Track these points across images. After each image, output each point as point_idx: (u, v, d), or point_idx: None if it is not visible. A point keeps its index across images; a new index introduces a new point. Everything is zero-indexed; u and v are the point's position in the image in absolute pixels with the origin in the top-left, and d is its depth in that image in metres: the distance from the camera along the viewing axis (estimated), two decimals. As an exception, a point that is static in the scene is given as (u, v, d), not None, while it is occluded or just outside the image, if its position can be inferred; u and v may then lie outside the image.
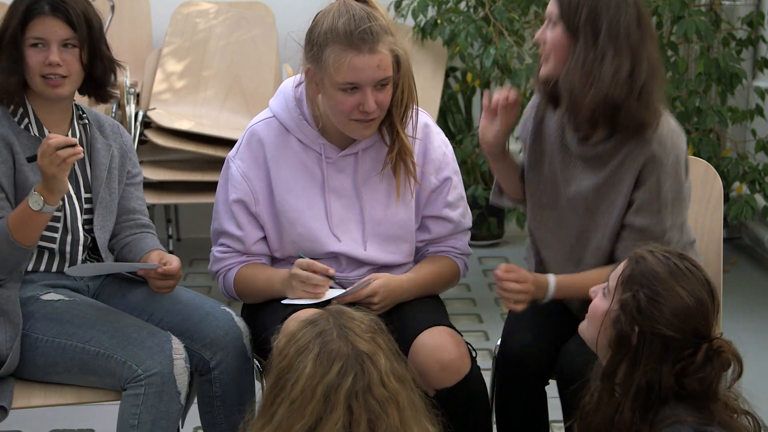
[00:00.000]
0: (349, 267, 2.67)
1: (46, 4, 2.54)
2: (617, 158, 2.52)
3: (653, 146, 2.48)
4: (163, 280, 2.59)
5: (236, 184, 2.64)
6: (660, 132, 2.49)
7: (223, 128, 4.57)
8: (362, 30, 2.44)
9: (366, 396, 1.89)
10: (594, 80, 2.42)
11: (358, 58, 2.45)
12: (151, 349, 2.47)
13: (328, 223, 2.63)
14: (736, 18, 4.77)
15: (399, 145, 2.61)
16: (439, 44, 4.83)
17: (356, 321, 1.98)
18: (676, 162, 2.50)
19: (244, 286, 2.68)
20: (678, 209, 2.54)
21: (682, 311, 2.02)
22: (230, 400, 2.61)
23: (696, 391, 2.02)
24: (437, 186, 2.69)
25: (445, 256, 2.76)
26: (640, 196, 2.52)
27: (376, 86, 2.49)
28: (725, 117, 4.34)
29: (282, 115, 2.64)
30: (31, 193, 2.45)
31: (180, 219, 5.24)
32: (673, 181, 2.51)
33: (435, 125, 2.74)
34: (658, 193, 2.50)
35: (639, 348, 2.03)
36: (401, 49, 2.51)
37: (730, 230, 5.17)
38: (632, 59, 2.43)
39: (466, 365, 2.52)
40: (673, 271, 2.06)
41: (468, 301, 4.53)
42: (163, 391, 2.45)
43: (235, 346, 2.61)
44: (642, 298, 2.03)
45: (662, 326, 2.01)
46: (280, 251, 2.69)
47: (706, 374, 2.02)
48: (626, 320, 2.04)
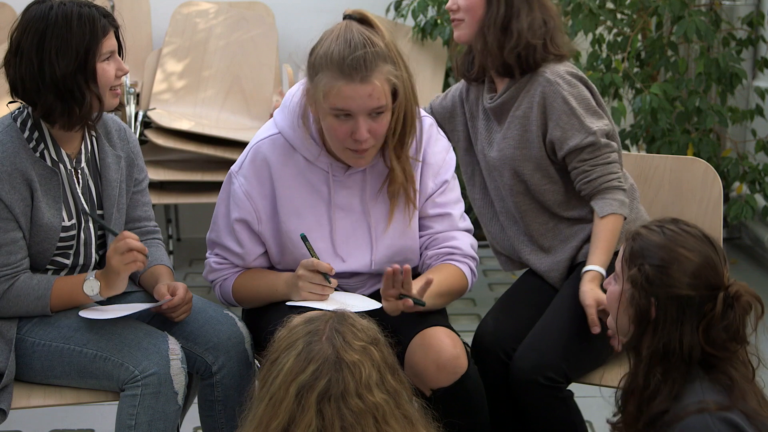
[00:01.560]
0: (354, 278, 2.66)
1: (107, 22, 2.52)
2: (519, 97, 2.77)
3: (547, 75, 2.72)
4: (175, 311, 2.59)
5: (239, 203, 2.61)
6: (553, 66, 2.74)
7: (223, 128, 4.57)
8: (355, 58, 2.39)
9: (339, 403, 1.87)
10: (511, 34, 2.72)
11: (349, 87, 2.40)
12: (148, 350, 2.47)
13: (332, 244, 2.63)
14: (736, 18, 4.77)
15: (392, 176, 2.57)
16: (439, 44, 4.83)
17: (354, 328, 1.95)
18: (572, 82, 2.71)
19: (244, 293, 2.67)
20: (596, 118, 2.72)
21: (690, 269, 2.06)
22: (231, 405, 2.60)
23: (725, 341, 2.05)
24: (434, 190, 2.67)
25: (450, 264, 2.68)
26: (556, 122, 2.70)
27: (370, 114, 2.44)
28: (725, 117, 4.34)
29: (288, 132, 2.60)
30: (89, 277, 2.50)
31: (180, 219, 5.24)
32: (578, 97, 2.70)
33: (439, 131, 2.70)
34: (569, 108, 2.69)
35: (659, 317, 2.07)
36: (400, 77, 2.45)
37: (730, 230, 5.17)
38: (541, 11, 2.75)
39: (462, 365, 2.50)
40: (669, 236, 2.10)
41: (468, 301, 4.53)
42: (160, 391, 2.45)
43: (238, 351, 2.61)
44: (648, 269, 2.07)
45: (676, 288, 2.05)
46: (282, 264, 2.67)
47: (730, 321, 2.05)
48: (641, 294, 2.08)
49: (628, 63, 4.37)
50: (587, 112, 2.71)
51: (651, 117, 4.25)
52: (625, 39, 4.46)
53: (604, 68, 4.40)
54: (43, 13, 2.48)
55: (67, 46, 2.46)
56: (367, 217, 2.62)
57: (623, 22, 4.58)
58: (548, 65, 2.75)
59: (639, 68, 4.54)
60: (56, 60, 2.46)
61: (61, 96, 2.48)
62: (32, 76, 2.47)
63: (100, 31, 2.49)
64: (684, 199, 2.93)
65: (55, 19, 2.47)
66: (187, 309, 2.60)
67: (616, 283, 2.17)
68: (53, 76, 2.46)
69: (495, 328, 2.70)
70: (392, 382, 1.94)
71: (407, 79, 2.47)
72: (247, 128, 4.61)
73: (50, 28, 2.47)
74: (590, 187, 2.71)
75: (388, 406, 1.90)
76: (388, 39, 2.46)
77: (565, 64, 2.78)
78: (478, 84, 2.90)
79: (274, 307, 2.62)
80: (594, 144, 2.69)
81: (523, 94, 2.76)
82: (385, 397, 1.90)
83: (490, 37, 2.75)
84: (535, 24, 2.73)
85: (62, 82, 2.47)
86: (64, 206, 2.56)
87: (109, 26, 2.51)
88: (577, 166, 2.71)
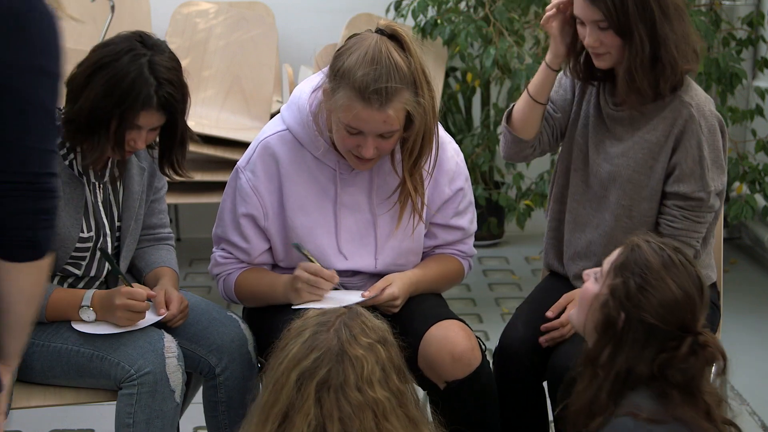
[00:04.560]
0: (356, 276, 2.67)
1: (157, 100, 2.47)
2: (654, 120, 2.59)
3: (692, 109, 2.55)
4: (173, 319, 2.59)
5: (246, 198, 2.61)
6: (697, 97, 2.57)
7: (223, 128, 4.56)
8: (377, 89, 2.39)
9: (338, 394, 1.88)
10: (663, 67, 2.51)
11: (365, 112, 2.41)
12: (143, 349, 2.47)
13: (336, 241, 2.63)
14: (736, 18, 4.77)
15: (403, 188, 2.58)
16: (439, 44, 4.83)
17: (365, 326, 1.97)
18: (713, 128, 2.56)
19: (246, 291, 2.68)
20: (718, 174, 2.59)
21: (669, 302, 2.04)
22: (234, 406, 2.62)
23: (679, 383, 2.04)
24: (450, 196, 2.69)
25: (451, 256, 2.77)
26: (680, 159, 2.56)
27: (381, 134, 2.46)
28: (725, 117, 4.34)
29: (296, 128, 2.60)
30: (85, 303, 2.52)
31: (180, 219, 5.25)
32: (711, 147, 2.56)
33: (446, 135, 2.70)
34: (700, 157, 2.55)
35: (624, 333, 2.05)
36: (419, 103, 2.44)
37: (730, 230, 5.17)
38: (680, 26, 2.54)
39: (477, 358, 2.53)
40: (665, 263, 2.07)
41: (468, 301, 4.53)
42: (156, 390, 2.45)
43: (241, 352, 2.62)
44: (632, 285, 2.06)
45: (648, 314, 2.03)
46: (285, 261, 2.68)
47: (689, 366, 2.03)
48: (614, 305, 2.07)
49: (628, 63, 4.37)
50: (714, 165, 2.58)
51: (651, 117, 4.25)
52: (625, 39, 4.46)
53: (604, 68, 4.39)
54: (117, 51, 2.45)
55: (109, 92, 2.43)
56: (373, 217, 2.62)
57: (623, 22, 4.58)
58: (690, 91, 2.59)
59: (639, 68, 4.53)
60: (97, 93, 2.43)
61: (82, 127, 2.46)
62: (74, 93, 2.45)
63: (140, 103, 2.44)
64: (684, 199, 2.93)
65: (120, 63, 2.44)
66: (183, 317, 2.60)
67: (596, 281, 2.15)
68: (87, 105, 2.44)
69: (524, 333, 2.67)
70: (397, 383, 1.95)
71: (428, 102, 2.46)
72: (247, 128, 4.61)
73: (112, 67, 2.44)
74: (669, 231, 2.61)
75: (389, 403, 1.91)
76: (415, 62, 2.45)
77: (708, 98, 2.61)
78: (596, 84, 2.73)
79: (273, 308, 2.63)
80: (701, 201, 2.59)
81: (658, 119, 2.61)
82: (387, 395, 1.91)
83: (640, 76, 2.53)
84: (680, 43, 2.53)
85: (91, 114, 2.44)
86: (84, 218, 2.56)
87: (153, 103, 2.44)
88: (672, 207, 2.62)
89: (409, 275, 2.65)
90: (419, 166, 2.56)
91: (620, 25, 2.51)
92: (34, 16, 1.78)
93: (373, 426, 1.89)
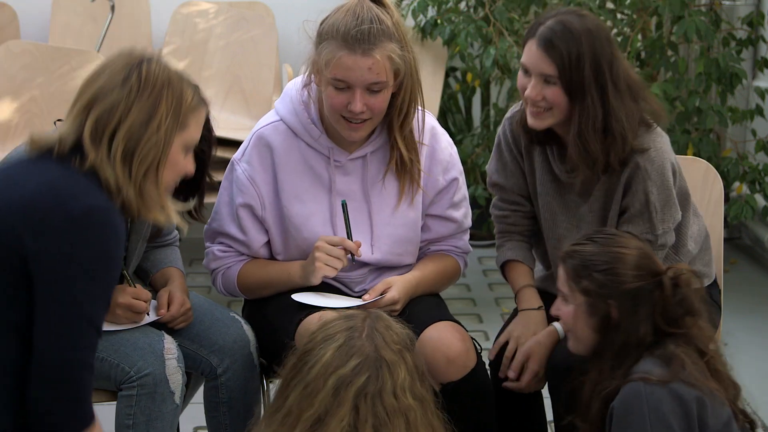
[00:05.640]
0: (353, 267, 2.67)
1: None
2: (607, 176, 2.56)
3: (636, 156, 2.49)
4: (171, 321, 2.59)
5: (243, 188, 2.62)
6: (645, 144, 2.51)
7: (223, 128, 4.54)
8: (360, 30, 2.43)
9: (375, 401, 1.89)
10: (613, 136, 2.45)
11: (350, 58, 2.44)
12: (143, 350, 2.47)
13: (332, 229, 2.63)
14: (736, 18, 4.76)
15: (397, 154, 2.60)
16: (439, 44, 4.83)
17: (391, 330, 1.99)
18: (660, 169, 2.51)
19: (253, 280, 2.67)
20: (668, 215, 2.55)
21: (632, 263, 2.23)
22: (236, 407, 2.62)
23: (681, 317, 2.20)
24: (444, 186, 2.70)
25: (447, 254, 2.77)
26: (629, 203, 2.54)
27: (369, 89, 2.47)
28: (725, 117, 4.34)
29: (289, 118, 2.62)
30: None
31: (180, 219, 5.24)
32: (660, 189, 2.52)
33: (439, 126, 2.73)
34: (646, 201, 2.52)
35: (620, 315, 2.20)
36: (404, 58, 2.48)
37: (730, 230, 5.16)
38: (632, 96, 2.48)
39: (471, 359, 2.54)
40: (602, 242, 2.26)
41: (468, 301, 4.53)
42: (156, 391, 2.45)
43: (243, 353, 2.62)
44: (597, 276, 2.21)
45: (627, 284, 2.19)
46: (283, 254, 2.68)
47: (682, 296, 2.21)
48: (598, 301, 2.22)
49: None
50: (664, 207, 2.52)
51: (651, 117, 4.25)
52: (625, 39, 4.46)
53: (604, 68, 4.39)
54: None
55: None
56: (368, 204, 2.63)
57: (623, 22, 4.58)
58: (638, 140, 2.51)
59: (639, 68, 4.54)
60: None
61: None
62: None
63: None
64: (684, 199, 2.93)
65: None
66: (184, 319, 2.60)
67: (565, 305, 2.27)
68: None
69: None
70: (421, 390, 1.97)
71: (412, 60, 2.50)
72: (247, 128, 4.59)
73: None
74: None
75: (418, 411, 1.92)
76: (397, 19, 2.50)
77: (658, 140, 2.53)
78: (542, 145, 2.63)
79: (274, 308, 2.62)
80: (650, 243, 2.51)
81: (610, 172, 2.55)
82: (416, 403, 1.92)
83: (593, 142, 2.45)
84: (631, 114, 2.46)
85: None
86: None
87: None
88: None
89: (408, 278, 2.65)
90: (409, 124, 2.57)
91: (572, 84, 2.42)
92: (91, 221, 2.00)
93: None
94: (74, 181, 2.09)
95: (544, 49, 2.43)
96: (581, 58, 2.41)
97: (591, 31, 2.44)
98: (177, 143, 2.18)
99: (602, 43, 2.44)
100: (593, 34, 2.44)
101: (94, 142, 2.11)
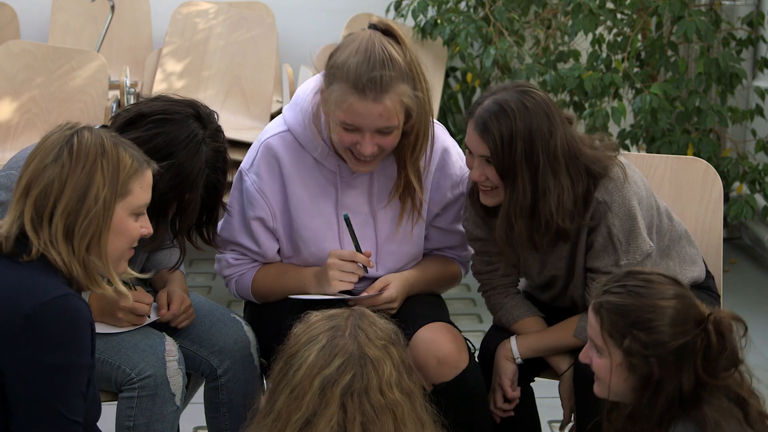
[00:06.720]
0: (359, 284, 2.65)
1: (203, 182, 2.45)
2: None
3: (595, 194, 2.47)
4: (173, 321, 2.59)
5: (253, 201, 2.60)
6: (605, 185, 2.47)
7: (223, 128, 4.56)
8: (371, 78, 2.35)
9: (361, 398, 1.89)
10: (539, 219, 2.43)
11: (360, 104, 2.37)
12: (144, 352, 2.47)
13: (340, 243, 2.62)
14: (736, 18, 4.77)
15: (405, 182, 2.56)
16: (439, 44, 4.84)
17: (374, 327, 1.98)
18: (621, 201, 2.48)
19: (267, 287, 2.66)
20: (634, 245, 2.52)
21: (675, 316, 2.05)
22: (236, 407, 2.61)
23: (729, 367, 2.04)
24: (451, 201, 2.67)
25: (449, 258, 2.77)
26: (594, 238, 2.51)
27: (379, 131, 2.42)
28: (725, 117, 4.34)
29: (297, 130, 2.58)
30: None
31: (180, 219, 5.24)
32: (623, 221, 2.49)
33: (450, 140, 2.69)
34: (610, 235, 2.49)
35: (662, 373, 2.05)
36: (416, 97, 2.41)
37: (730, 230, 5.17)
38: (569, 170, 2.43)
39: (463, 360, 2.52)
40: (640, 293, 2.08)
41: (468, 301, 4.53)
42: (157, 393, 2.45)
43: (243, 354, 2.62)
44: (641, 335, 2.05)
45: (672, 342, 2.03)
46: (296, 259, 2.67)
47: (727, 347, 2.04)
48: (641, 361, 2.06)
49: (628, 63, 4.37)
50: (628, 238, 2.50)
51: (651, 117, 4.25)
52: (625, 39, 4.46)
53: (604, 68, 4.40)
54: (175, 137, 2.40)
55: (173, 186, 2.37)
56: (374, 219, 2.62)
57: (623, 22, 4.59)
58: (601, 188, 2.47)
59: (639, 68, 4.54)
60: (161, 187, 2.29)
61: None
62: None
63: None
64: (684, 199, 2.93)
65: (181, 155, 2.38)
66: (185, 318, 2.59)
67: (599, 356, 2.12)
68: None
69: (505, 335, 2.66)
70: (408, 383, 1.96)
71: (424, 97, 2.44)
72: (247, 128, 4.61)
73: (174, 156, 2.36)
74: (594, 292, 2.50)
75: (406, 405, 1.92)
76: (411, 55, 2.42)
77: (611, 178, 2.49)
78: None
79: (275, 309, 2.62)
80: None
81: None
82: (403, 397, 1.92)
83: (519, 224, 2.44)
84: (564, 197, 2.42)
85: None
86: None
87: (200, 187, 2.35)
88: (591, 279, 2.54)
89: (406, 275, 2.64)
90: (418, 160, 2.54)
91: (503, 165, 2.40)
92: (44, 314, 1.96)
93: (392, 429, 1.90)
94: (25, 276, 2.03)
95: (479, 131, 2.43)
96: (513, 139, 2.40)
97: (528, 109, 2.41)
98: (121, 210, 2.09)
99: (539, 119, 2.41)
100: (530, 111, 2.40)
101: (35, 228, 2.05)
